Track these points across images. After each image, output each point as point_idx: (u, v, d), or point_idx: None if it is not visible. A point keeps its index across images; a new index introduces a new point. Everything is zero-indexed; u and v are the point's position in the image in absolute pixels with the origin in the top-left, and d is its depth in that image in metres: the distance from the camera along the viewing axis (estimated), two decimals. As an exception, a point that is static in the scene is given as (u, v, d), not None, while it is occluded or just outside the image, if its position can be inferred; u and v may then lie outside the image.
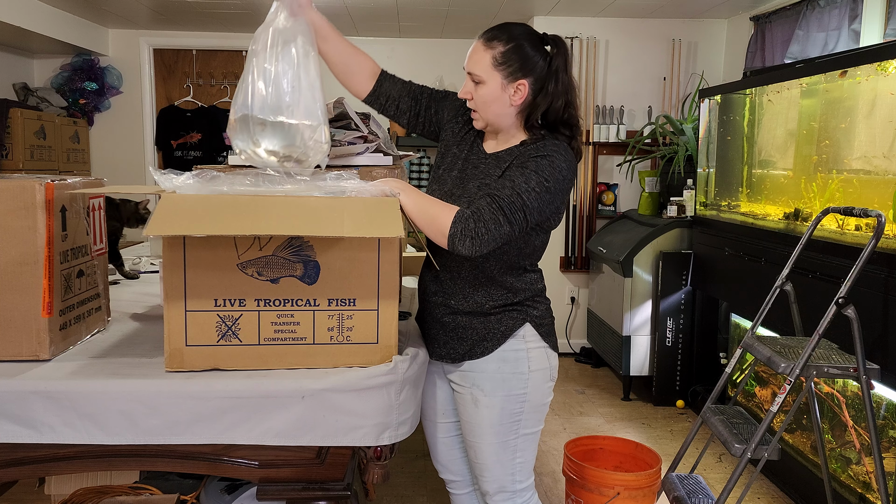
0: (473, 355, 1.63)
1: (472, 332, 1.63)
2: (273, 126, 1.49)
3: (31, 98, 5.04)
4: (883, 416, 2.39)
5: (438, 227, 1.44)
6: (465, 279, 1.62)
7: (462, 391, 1.67)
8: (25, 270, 1.35)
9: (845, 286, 2.06)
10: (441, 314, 1.66)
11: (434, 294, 1.67)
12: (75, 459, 1.33)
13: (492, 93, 1.55)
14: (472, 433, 1.67)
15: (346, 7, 4.43)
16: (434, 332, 1.68)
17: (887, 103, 2.41)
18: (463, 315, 1.63)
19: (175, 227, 1.21)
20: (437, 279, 1.66)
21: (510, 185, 1.48)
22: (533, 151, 1.53)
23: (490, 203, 1.45)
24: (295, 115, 1.49)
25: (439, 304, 1.66)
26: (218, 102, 5.44)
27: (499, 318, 1.62)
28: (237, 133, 1.53)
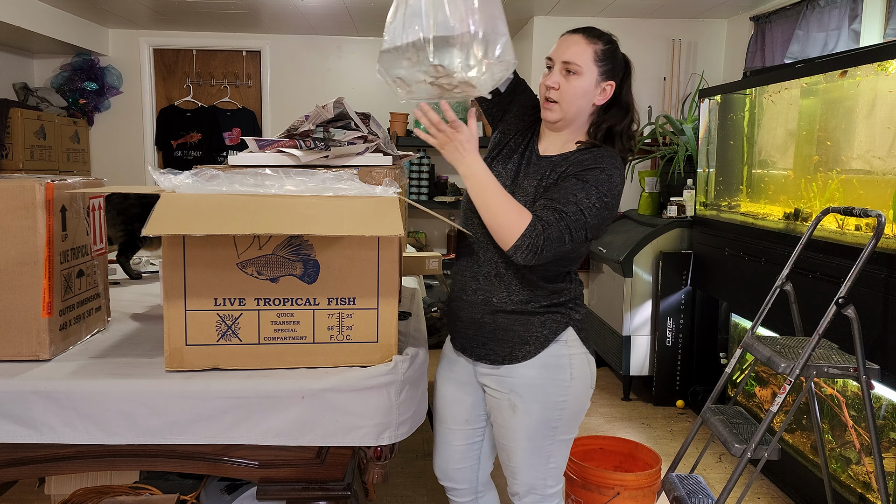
0: (514, 359, 1.59)
1: (512, 334, 1.59)
2: (456, 43, 1.39)
3: (31, 98, 5.04)
4: (883, 416, 2.39)
5: (509, 230, 1.44)
6: (510, 277, 1.58)
7: (499, 396, 1.63)
8: (25, 270, 1.35)
9: (845, 286, 2.06)
10: (480, 313, 1.61)
11: (473, 292, 1.62)
12: (75, 459, 1.33)
13: (585, 87, 1.54)
14: (505, 437, 1.65)
15: (346, 7, 4.42)
16: (471, 333, 1.64)
17: (887, 103, 2.41)
18: (505, 315, 1.59)
19: (175, 227, 1.21)
20: (477, 276, 1.61)
21: (573, 199, 1.46)
22: (590, 161, 1.52)
23: (558, 220, 1.44)
24: (481, 28, 1.39)
25: (479, 302, 1.61)
26: (218, 102, 5.45)
27: (542, 319, 1.59)
28: (398, 61, 1.43)
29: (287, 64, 5.41)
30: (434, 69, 1.40)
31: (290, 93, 5.42)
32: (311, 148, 1.68)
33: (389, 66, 1.44)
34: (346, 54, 5.41)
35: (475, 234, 1.60)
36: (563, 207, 1.45)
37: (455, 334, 1.69)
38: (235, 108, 5.45)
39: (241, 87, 5.49)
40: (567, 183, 1.50)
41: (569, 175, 1.51)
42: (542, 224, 1.43)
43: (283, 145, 1.70)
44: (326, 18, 4.79)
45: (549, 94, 1.56)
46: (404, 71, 1.42)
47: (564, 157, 1.57)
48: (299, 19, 4.82)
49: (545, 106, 1.58)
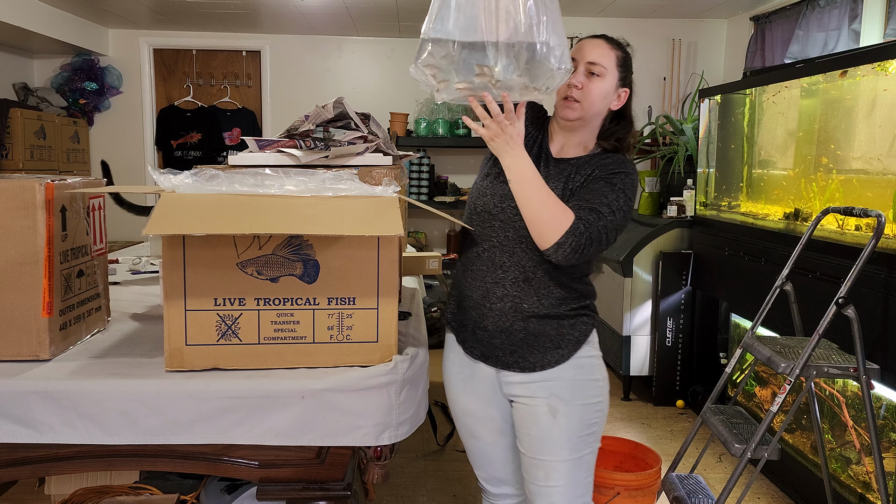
0: (547, 364, 1.56)
1: (544, 339, 1.56)
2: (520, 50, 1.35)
3: (31, 98, 5.04)
4: (883, 416, 2.39)
5: (553, 226, 1.43)
6: (540, 280, 1.55)
7: (535, 403, 1.57)
8: (25, 270, 1.35)
9: (845, 286, 2.06)
10: (510, 321, 1.56)
11: (500, 299, 1.56)
12: (75, 459, 1.33)
13: (607, 89, 1.56)
14: (544, 450, 1.57)
15: (346, 7, 4.43)
16: (498, 342, 1.59)
17: (887, 103, 2.41)
18: (536, 320, 1.55)
19: (174, 226, 1.21)
20: (502, 282, 1.56)
21: (606, 201, 1.47)
22: (615, 166, 1.54)
23: (596, 220, 1.45)
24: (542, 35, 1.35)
25: (507, 309, 1.56)
26: (218, 102, 5.45)
27: (572, 322, 1.58)
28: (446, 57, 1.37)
29: (287, 64, 5.41)
30: (486, 70, 1.37)
31: (290, 93, 5.42)
32: (310, 148, 1.68)
33: (434, 61, 1.39)
34: (346, 54, 5.42)
35: (497, 238, 1.56)
36: (599, 208, 1.46)
37: (474, 343, 1.63)
38: (235, 108, 5.45)
39: (241, 87, 5.50)
40: (596, 185, 1.51)
41: (596, 178, 1.52)
42: (584, 223, 1.44)
43: (282, 145, 1.70)
44: (326, 18, 4.79)
45: (571, 93, 1.55)
46: (451, 68, 1.38)
47: (587, 161, 1.57)
48: (299, 19, 4.82)
49: (566, 105, 1.56)
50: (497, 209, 1.56)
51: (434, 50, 1.36)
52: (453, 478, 2.92)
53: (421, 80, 1.42)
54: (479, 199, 1.61)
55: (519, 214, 1.50)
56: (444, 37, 1.35)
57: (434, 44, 1.36)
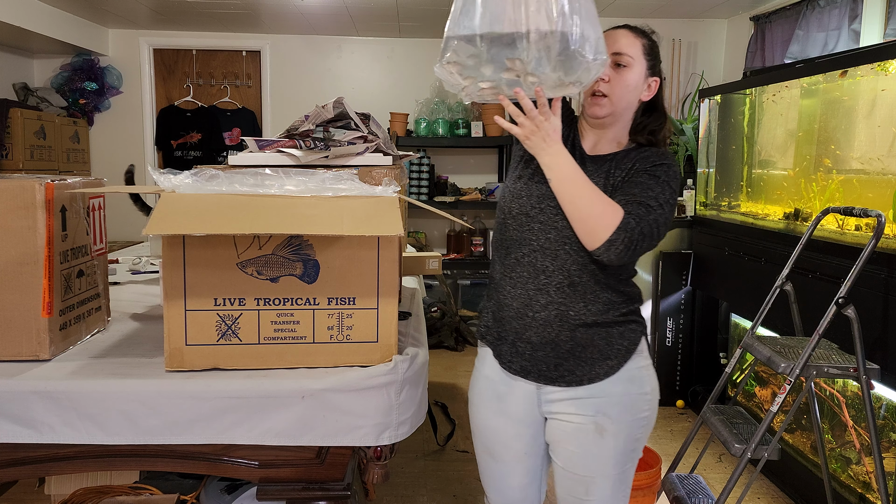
0: (595, 377, 1.45)
1: (592, 350, 1.45)
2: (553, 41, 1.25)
3: (30, 98, 5.04)
4: (883, 416, 2.39)
5: (602, 223, 1.33)
6: (586, 284, 1.44)
7: (580, 421, 1.47)
8: (25, 270, 1.35)
9: (845, 286, 2.06)
10: (556, 331, 1.45)
11: (543, 307, 1.45)
12: (75, 459, 1.33)
13: (635, 79, 1.46)
14: (588, 467, 1.49)
15: (346, 7, 4.42)
16: (542, 354, 1.47)
17: (887, 103, 2.41)
18: (584, 329, 1.44)
19: (174, 227, 1.21)
20: (546, 288, 1.44)
21: (653, 195, 1.39)
22: (656, 158, 1.45)
23: (646, 214, 1.36)
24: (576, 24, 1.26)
25: (552, 318, 1.45)
26: (218, 102, 5.45)
27: (621, 330, 1.47)
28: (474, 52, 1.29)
29: (287, 64, 5.41)
30: (517, 64, 1.28)
31: (290, 93, 5.42)
32: (310, 148, 1.68)
33: (459, 59, 1.30)
34: (346, 54, 5.41)
35: (538, 241, 1.45)
36: (648, 202, 1.37)
37: (513, 357, 1.51)
38: (235, 108, 5.45)
39: (241, 87, 5.49)
40: (640, 179, 1.42)
41: (638, 171, 1.44)
42: (634, 218, 1.34)
43: (282, 145, 1.70)
44: (326, 18, 4.79)
45: (598, 88, 1.45)
46: (478, 65, 1.30)
47: (625, 155, 1.48)
48: (299, 19, 4.82)
49: (594, 101, 1.47)
50: (535, 210, 1.46)
51: (459, 47, 1.29)
52: (453, 478, 2.92)
53: (446, 80, 1.34)
54: (515, 202, 1.50)
55: (560, 214, 1.41)
56: (469, 32, 1.27)
57: (459, 40, 1.28)
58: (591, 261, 1.42)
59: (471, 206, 5.24)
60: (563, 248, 1.43)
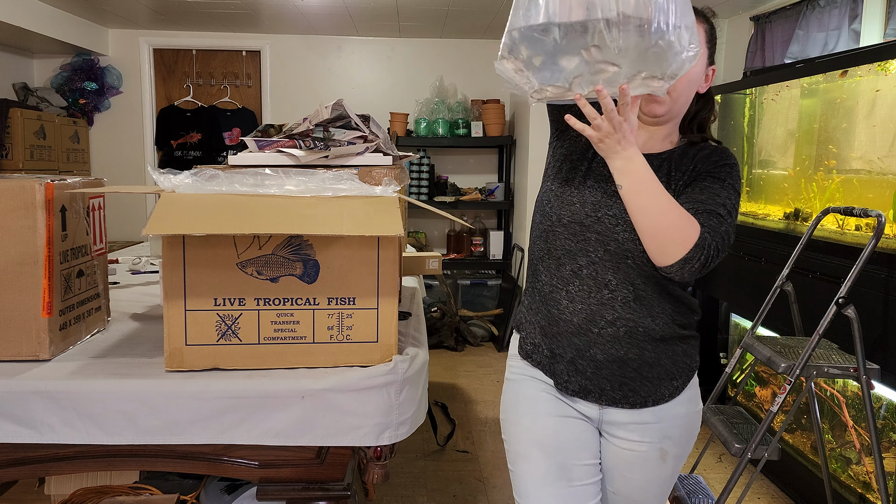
0: (661, 398, 1.36)
1: (659, 370, 1.35)
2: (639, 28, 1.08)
3: (30, 98, 5.04)
4: (883, 417, 2.39)
5: (679, 238, 1.19)
6: (652, 297, 1.33)
7: (644, 448, 1.38)
8: (25, 270, 1.35)
9: (845, 286, 2.06)
10: (625, 348, 1.33)
11: (611, 324, 1.33)
12: (75, 459, 1.33)
13: (698, 71, 1.31)
14: (645, 491, 1.43)
15: (346, 7, 4.42)
16: (607, 373, 1.35)
17: (887, 103, 2.41)
18: (652, 345, 1.34)
19: (174, 227, 1.21)
20: (611, 303, 1.32)
21: (721, 202, 1.26)
22: (718, 158, 1.33)
23: (719, 225, 1.23)
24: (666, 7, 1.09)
25: (621, 335, 1.33)
26: (218, 102, 5.45)
27: (684, 347, 1.37)
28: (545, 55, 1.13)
29: (287, 64, 5.41)
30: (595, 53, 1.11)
31: (290, 93, 5.42)
32: (310, 148, 1.68)
33: (526, 54, 1.14)
34: (347, 54, 5.41)
35: (596, 253, 1.33)
36: (718, 210, 1.25)
37: (571, 375, 1.37)
38: (235, 108, 5.45)
39: (241, 87, 5.49)
40: (705, 183, 1.30)
41: (702, 174, 1.31)
42: (710, 232, 1.22)
43: (281, 145, 1.70)
44: (326, 18, 4.79)
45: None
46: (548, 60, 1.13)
47: (683, 153, 1.35)
48: (299, 19, 4.82)
49: (652, 97, 1.31)
50: (591, 220, 1.33)
51: (526, 39, 1.12)
52: (453, 478, 2.92)
53: (511, 79, 1.19)
54: (565, 210, 1.36)
55: (620, 224, 1.30)
56: (538, 21, 1.10)
57: (525, 31, 1.12)
58: (656, 272, 1.30)
59: (471, 206, 5.24)
60: (625, 262, 1.31)
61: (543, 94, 1.19)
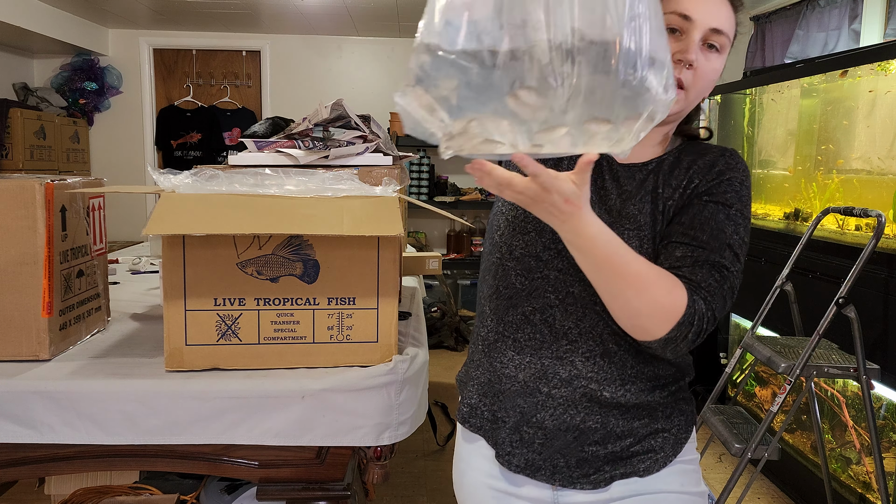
0: (633, 472, 1.08)
1: (630, 441, 1.07)
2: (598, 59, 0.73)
3: (30, 98, 5.04)
4: (883, 417, 2.39)
5: (657, 315, 0.93)
6: (625, 354, 1.05)
7: None
8: (25, 270, 1.35)
9: (845, 286, 2.06)
10: (581, 415, 1.06)
11: (565, 383, 1.06)
12: (75, 459, 1.33)
13: (721, 67, 1.06)
14: None
15: (347, 7, 4.42)
16: (560, 445, 1.08)
17: (887, 103, 2.41)
18: (621, 413, 1.07)
19: (174, 227, 1.21)
20: (569, 358, 1.06)
21: (725, 239, 0.99)
22: (722, 167, 1.04)
23: (721, 283, 0.97)
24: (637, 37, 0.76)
25: (577, 398, 1.06)
26: (218, 102, 5.45)
27: (668, 412, 1.10)
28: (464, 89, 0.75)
29: (287, 64, 5.41)
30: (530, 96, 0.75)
31: (290, 93, 5.42)
32: (310, 148, 1.68)
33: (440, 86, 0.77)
34: (346, 54, 5.41)
35: (557, 294, 1.06)
36: (720, 259, 0.97)
37: (516, 447, 1.10)
38: (235, 108, 5.45)
39: (241, 87, 5.49)
40: (706, 211, 1.00)
41: (700, 194, 1.02)
42: (704, 296, 0.95)
43: (280, 146, 1.70)
44: (326, 18, 4.79)
45: (680, 76, 1.01)
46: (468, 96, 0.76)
47: (674, 162, 1.07)
48: (299, 19, 4.82)
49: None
50: (550, 253, 1.06)
51: (437, 65, 0.76)
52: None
53: (415, 116, 0.80)
54: (518, 239, 1.08)
55: None
56: (450, 47, 0.74)
57: (436, 54, 0.76)
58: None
59: (471, 206, 5.24)
60: (592, 308, 1.04)
61: (461, 143, 0.81)
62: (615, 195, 1.06)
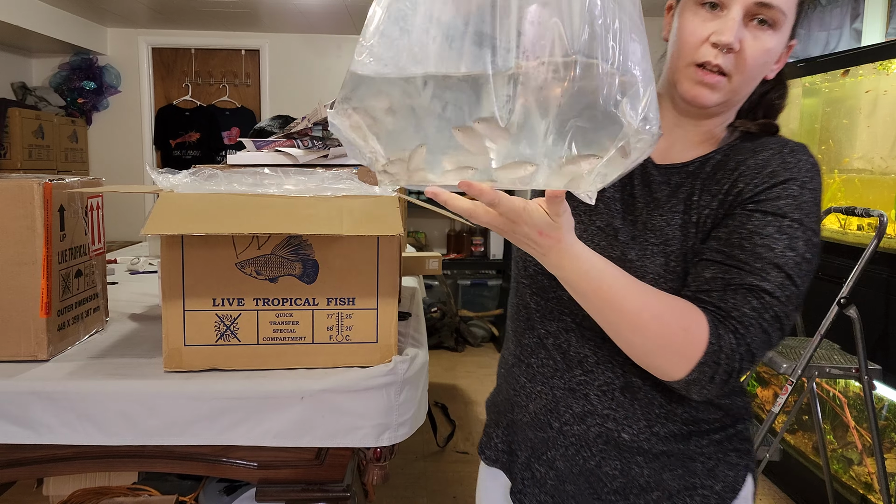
0: None
1: (658, 493, 0.91)
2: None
3: (29, 97, 5.03)
4: (885, 417, 2.38)
5: (670, 352, 0.78)
6: (650, 389, 0.90)
7: None
8: (23, 270, 1.34)
9: (847, 286, 2.05)
10: (595, 460, 0.92)
11: (578, 419, 0.92)
12: (74, 460, 1.32)
13: (777, 47, 0.92)
14: None
15: (346, 6, 4.42)
16: (572, 490, 0.94)
17: (889, 102, 2.41)
18: (646, 459, 0.90)
19: (173, 226, 1.20)
20: (583, 390, 0.92)
21: (772, 258, 0.80)
22: (778, 167, 0.86)
23: (760, 313, 0.80)
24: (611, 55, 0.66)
25: (592, 438, 0.92)
26: (217, 102, 5.44)
27: (709, 465, 0.91)
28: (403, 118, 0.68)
29: (286, 63, 5.40)
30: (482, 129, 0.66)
31: (290, 92, 5.41)
32: (309, 147, 1.67)
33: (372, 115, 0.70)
34: (346, 53, 5.41)
35: (573, 317, 0.93)
36: (759, 282, 0.80)
37: (526, 485, 0.99)
38: (234, 108, 5.45)
39: (240, 87, 5.49)
40: (750, 222, 0.82)
41: (744, 202, 0.84)
42: (734, 328, 0.79)
43: (279, 145, 1.69)
44: (326, 17, 4.78)
45: (719, 61, 0.86)
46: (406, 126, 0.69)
47: (720, 163, 0.90)
48: (298, 18, 4.81)
49: (704, 78, 0.87)
50: None
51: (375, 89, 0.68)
52: (453, 479, 2.91)
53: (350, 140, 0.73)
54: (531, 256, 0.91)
55: None
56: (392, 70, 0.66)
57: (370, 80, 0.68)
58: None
59: (470, 206, 5.23)
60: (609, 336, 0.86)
61: (396, 174, 0.72)
62: (642, 203, 0.91)
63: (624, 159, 0.67)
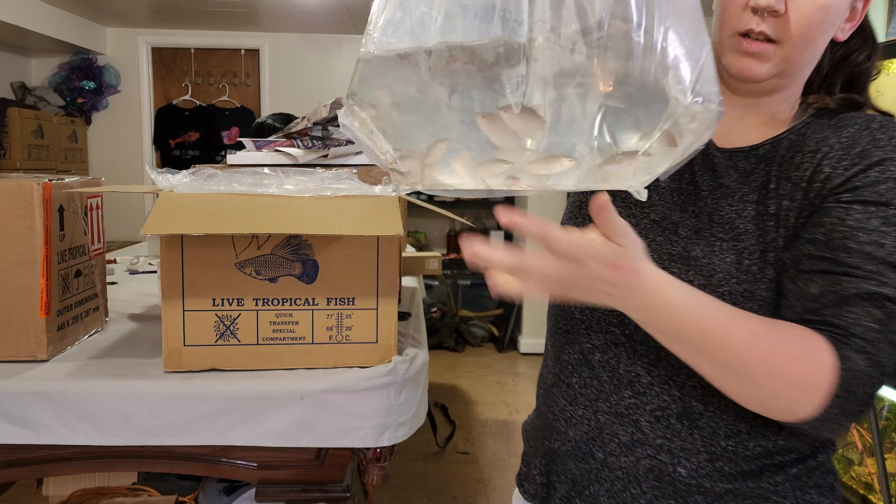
0: None
1: None
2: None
3: (28, 97, 5.03)
4: (885, 418, 2.39)
5: (784, 391, 0.66)
6: (712, 416, 0.77)
7: None
8: (23, 270, 1.34)
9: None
10: (646, 497, 0.80)
11: (626, 449, 0.80)
12: (73, 460, 1.32)
13: (838, 6, 0.76)
14: None
15: (346, 5, 4.42)
16: None
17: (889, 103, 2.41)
18: (707, 500, 0.78)
19: (173, 226, 1.20)
20: (632, 416, 0.79)
21: (886, 257, 0.68)
22: (871, 147, 0.73)
23: (885, 325, 0.66)
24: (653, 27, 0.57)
25: (641, 472, 0.80)
26: (216, 101, 5.44)
27: (779, 498, 0.78)
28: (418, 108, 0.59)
29: (286, 63, 5.40)
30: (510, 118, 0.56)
31: (289, 92, 5.41)
32: (308, 147, 1.67)
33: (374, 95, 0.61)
34: (346, 53, 5.41)
35: (622, 329, 0.81)
36: (878, 287, 0.67)
37: None
38: (234, 107, 5.45)
39: (240, 86, 5.49)
40: (850, 217, 0.70)
41: (835, 191, 0.72)
42: (861, 346, 0.66)
43: (279, 145, 1.69)
44: (325, 17, 4.78)
45: (762, 27, 0.75)
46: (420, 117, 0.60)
47: (798, 141, 0.78)
48: (298, 17, 4.81)
49: (749, 48, 0.75)
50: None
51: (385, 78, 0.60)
52: (453, 479, 2.91)
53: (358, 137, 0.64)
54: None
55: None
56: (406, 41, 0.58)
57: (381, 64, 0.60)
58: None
59: (471, 206, 5.24)
60: (668, 350, 0.71)
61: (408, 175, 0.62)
62: (706, 191, 0.78)
63: (672, 147, 0.57)
